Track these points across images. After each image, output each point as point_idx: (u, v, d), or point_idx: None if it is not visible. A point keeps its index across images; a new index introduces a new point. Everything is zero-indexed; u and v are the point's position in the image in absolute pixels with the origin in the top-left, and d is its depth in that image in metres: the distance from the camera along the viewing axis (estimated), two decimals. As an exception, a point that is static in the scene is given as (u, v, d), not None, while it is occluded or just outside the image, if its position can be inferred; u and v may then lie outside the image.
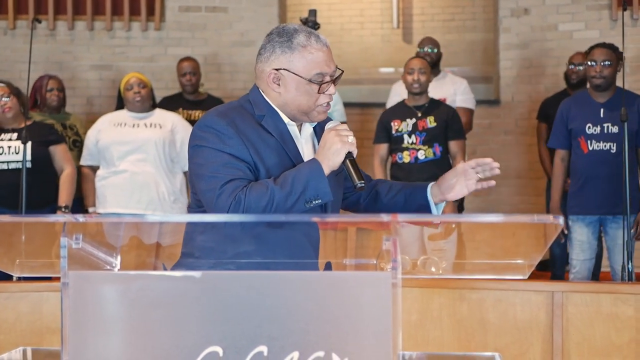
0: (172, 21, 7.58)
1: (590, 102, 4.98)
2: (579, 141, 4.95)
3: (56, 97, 5.91)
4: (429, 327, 3.97)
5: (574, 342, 3.84)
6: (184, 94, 6.45)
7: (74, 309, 1.88)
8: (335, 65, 2.50)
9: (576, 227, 4.96)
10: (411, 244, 2.32)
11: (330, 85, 2.47)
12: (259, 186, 2.34)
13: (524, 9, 7.37)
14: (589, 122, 4.92)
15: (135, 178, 5.27)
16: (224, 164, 2.37)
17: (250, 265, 2.27)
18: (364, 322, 1.81)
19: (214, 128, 2.42)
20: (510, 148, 7.43)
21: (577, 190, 4.97)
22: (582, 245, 4.94)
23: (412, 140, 5.41)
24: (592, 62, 4.91)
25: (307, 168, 2.37)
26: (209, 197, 2.36)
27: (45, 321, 3.99)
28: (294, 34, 2.46)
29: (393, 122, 5.48)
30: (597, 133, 4.89)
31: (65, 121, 5.91)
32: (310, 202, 2.34)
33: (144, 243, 2.26)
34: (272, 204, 2.30)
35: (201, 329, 1.84)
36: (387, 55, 8.26)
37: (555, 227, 1.85)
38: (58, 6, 7.54)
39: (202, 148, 2.42)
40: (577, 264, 4.95)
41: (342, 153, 2.37)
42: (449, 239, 2.31)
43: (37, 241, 2.16)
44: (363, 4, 8.40)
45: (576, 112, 4.99)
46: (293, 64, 2.44)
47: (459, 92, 6.06)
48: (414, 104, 5.49)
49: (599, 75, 4.88)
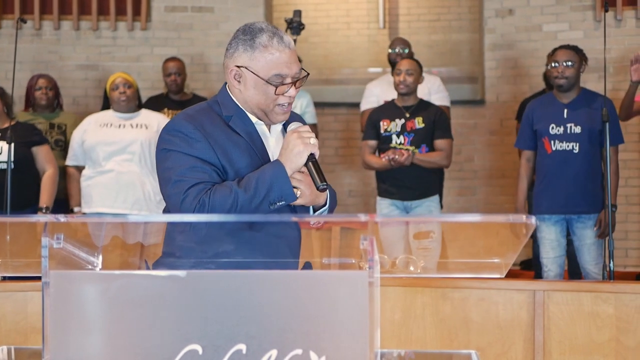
0: (158, 21, 7.59)
1: (555, 102, 5.05)
2: (543, 141, 5.01)
3: (44, 95, 5.91)
4: (412, 326, 3.99)
5: (555, 341, 3.87)
6: (169, 94, 6.46)
7: (55, 308, 1.89)
8: (298, 68, 2.50)
9: (543, 227, 5.01)
10: (394, 243, 2.34)
11: (290, 87, 2.48)
12: (222, 189, 2.36)
13: (509, 10, 7.42)
14: (552, 123, 4.98)
15: (121, 178, 5.28)
16: (190, 167, 2.39)
17: (230, 265, 2.29)
18: (342, 321, 1.83)
19: (181, 132, 2.44)
20: (496, 148, 7.47)
21: (542, 190, 5.03)
22: (552, 243, 5.00)
23: (400, 140, 5.43)
24: (555, 63, 4.98)
25: (270, 170, 2.39)
26: (174, 201, 2.39)
27: (30, 321, 3.99)
28: (258, 33, 2.47)
29: (382, 121, 5.50)
30: (561, 133, 4.95)
31: (53, 119, 5.92)
32: (274, 203, 2.37)
33: (126, 243, 2.28)
34: (237, 206, 2.33)
35: (181, 327, 1.86)
36: (373, 56, 8.30)
37: (527, 226, 1.88)
38: (44, 6, 7.53)
39: (169, 152, 2.44)
40: (547, 263, 5.01)
41: (304, 155, 2.40)
42: (434, 238, 2.33)
43: (20, 241, 2.17)
44: (349, 5, 8.43)
45: (541, 112, 5.06)
46: (253, 63, 2.46)
47: (433, 91, 6.09)
48: (403, 104, 5.51)
49: (560, 75, 4.95)
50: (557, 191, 4.95)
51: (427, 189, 5.47)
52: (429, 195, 5.47)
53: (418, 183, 5.41)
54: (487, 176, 7.48)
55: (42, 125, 5.83)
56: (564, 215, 4.99)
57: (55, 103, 6.04)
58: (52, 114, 5.96)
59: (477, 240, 2.16)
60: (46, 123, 5.87)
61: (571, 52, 4.98)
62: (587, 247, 4.86)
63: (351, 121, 7.70)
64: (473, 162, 7.61)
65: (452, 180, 7.18)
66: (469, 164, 7.60)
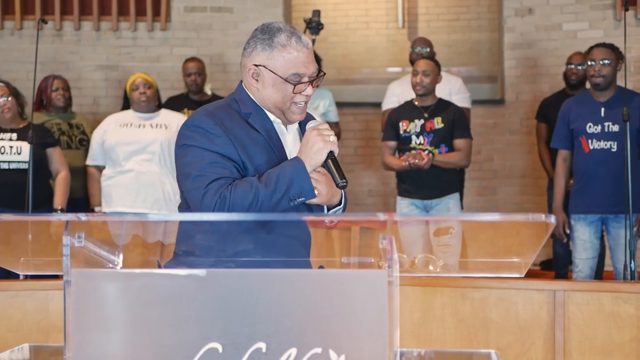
0: (178, 21, 7.61)
1: (591, 101, 5.01)
2: (580, 141, 4.97)
3: (62, 96, 5.96)
4: (432, 326, 3.99)
5: (576, 341, 3.86)
6: (189, 94, 6.49)
7: (76, 306, 1.91)
8: (315, 67, 2.52)
9: (578, 227, 4.98)
10: (414, 242, 2.34)
11: (307, 87, 2.50)
12: (243, 184, 2.37)
13: (528, 9, 7.39)
14: (589, 122, 4.94)
15: (141, 177, 5.31)
16: (210, 162, 2.41)
17: (249, 264, 2.30)
18: (361, 320, 1.84)
19: (201, 127, 2.45)
20: (515, 147, 7.45)
21: (579, 190, 4.99)
22: (585, 244, 4.96)
23: (419, 141, 5.41)
24: (592, 62, 4.95)
25: (290, 166, 2.40)
26: (195, 196, 2.40)
27: (52, 319, 4.02)
28: (277, 32, 2.49)
29: (401, 122, 5.48)
30: (598, 132, 4.91)
31: (71, 120, 5.96)
32: (294, 199, 2.38)
33: (146, 241, 2.30)
34: (257, 201, 2.34)
35: (201, 325, 1.87)
36: (392, 55, 8.28)
37: (548, 226, 1.87)
38: (64, 7, 7.58)
39: (189, 147, 2.45)
40: (579, 263, 4.97)
41: (324, 152, 2.42)
42: (454, 234, 2.33)
43: (41, 240, 2.19)
44: (368, 4, 8.42)
45: (577, 111, 5.02)
46: (271, 62, 2.48)
47: (454, 92, 6.06)
48: (422, 105, 5.49)
49: (597, 74, 4.92)
50: (594, 190, 4.90)
51: (447, 187, 5.45)
52: (449, 193, 5.45)
53: (438, 182, 5.39)
54: (507, 176, 7.46)
55: (62, 126, 5.87)
56: (600, 215, 4.94)
57: (69, 104, 6.09)
58: (67, 114, 6.01)
59: (497, 239, 2.16)
60: (64, 124, 5.91)
61: (608, 50, 4.95)
62: (622, 247, 4.82)
63: (370, 121, 7.70)
64: (493, 161, 7.59)
65: (472, 180, 7.16)
66: (488, 164, 7.57)
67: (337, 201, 2.54)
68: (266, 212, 2.36)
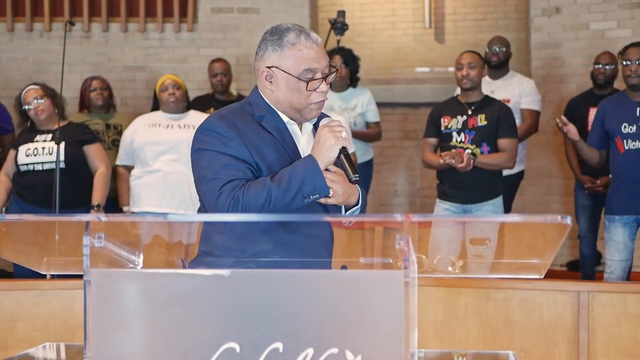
0: (205, 22, 7.65)
1: (627, 101, 4.96)
2: (615, 141, 4.92)
3: (100, 96, 6.05)
4: (455, 327, 3.99)
5: (600, 342, 3.84)
6: (215, 94, 6.53)
7: (96, 306, 1.93)
8: (327, 62, 2.53)
9: (612, 228, 4.91)
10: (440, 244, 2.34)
11: (320, 83, 2.51)
12: (256, 184, 2.39)
13: (555, 8, 7.34)
14: (624, 122, 4.89)
15: (168, 178, 5.34)
16: (224, 165, 2.43)
17: (269, 264, 2.32)
18: (377, 320, 1.84)
19: (215, 131, 2.47)
20: (543, 147, 7.40)
21: (615, 191, 4.93)
22: (618, 246, 4.88)
23: (460, 138, 5.17)
24: (627, 62, 4.90)
25: (303, 164, 2.42)
26: (209, 199, 2.42)
27: (78, 318, 4.07)
28: (285, 32, 2.51)
29: (443, 118, 5.25)
30: (634, 132, 4.86)
31: (109, 120, 6.04)
32: (308, 197, 2.39)
33: (167, 242, 2.32)
34: (270, 200, 2.36)
35: (220, 325, 1.89)
36: (419, 55, 8.28)
37: (564, 227, 1.87)
38: (93, 8, 7.65)
39: (204, 151, 2.47)
40: (611, 265, 4.88)
41: (336, 149, 2.42)
42: (490, 246, 2.31)
43: (68, 240, 2.21)
44: (395, 4, 8.42)
45: (612, 112, 4.97)
46: (283, 61, 2.49)
47: (524, 94, 5.94)
48: (466, 100, 5.25)
49: (634, 74, 4.87)
50: (630, 191, 4.86)
51: (489, 190, 5.17)
52: (491, 198, 5.17)
53: (479, 185, 5.12)
54: (534, 176, 7.41)
55: (99, 126, 5.94)
56: (635, 216, 4.90)
57: (110, 104, 6.16)
58: (108, 114, 6.09)
59: (519, 240, 2.15)
60: (102, 124, 5.99)
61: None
62: None
63: (397, 121, 7.69)
64: (520, 161, 7.54)
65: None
66: (515, 164, 7.52)
67: (354, 201, 2.54)
68: (281, 211, 2.37)
